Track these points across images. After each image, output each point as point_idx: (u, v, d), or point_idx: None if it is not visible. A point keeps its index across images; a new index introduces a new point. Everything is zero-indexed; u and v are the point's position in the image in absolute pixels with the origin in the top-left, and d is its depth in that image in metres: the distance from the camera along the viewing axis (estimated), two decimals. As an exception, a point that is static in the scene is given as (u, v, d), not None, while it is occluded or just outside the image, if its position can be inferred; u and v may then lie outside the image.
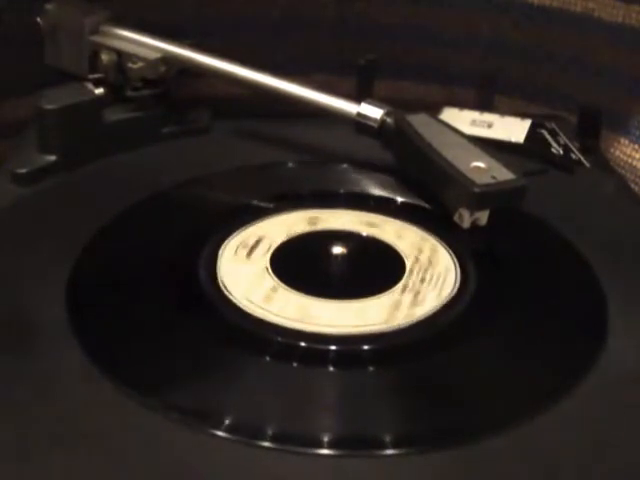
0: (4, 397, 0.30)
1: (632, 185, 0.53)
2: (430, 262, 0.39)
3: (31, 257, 0.38)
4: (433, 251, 0.40)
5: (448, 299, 0.36)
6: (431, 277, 0.38)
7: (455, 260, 0.39)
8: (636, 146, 0.55)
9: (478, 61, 0.62)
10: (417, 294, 0.37)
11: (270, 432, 0.29)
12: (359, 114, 0.46)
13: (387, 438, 0.29)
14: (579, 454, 0.29)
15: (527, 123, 0.55)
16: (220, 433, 0.28)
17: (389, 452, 0.29)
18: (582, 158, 0.51)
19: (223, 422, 0.29)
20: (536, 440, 0.29)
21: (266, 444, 0.28)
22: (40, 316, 0.34)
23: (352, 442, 0.29)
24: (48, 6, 0.52)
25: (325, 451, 0.28)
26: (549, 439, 0.29)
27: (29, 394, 0.30)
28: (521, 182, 0.41)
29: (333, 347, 0.33)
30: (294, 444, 0.28)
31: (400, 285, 0.37)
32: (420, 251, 0.40)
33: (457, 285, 0.38)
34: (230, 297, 0.36)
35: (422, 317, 0.35)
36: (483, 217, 0.41)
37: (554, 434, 0.29)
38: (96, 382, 0.30)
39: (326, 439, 0.29)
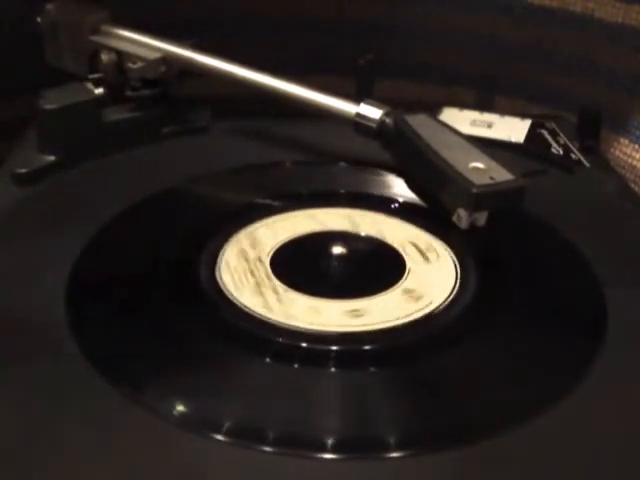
0: (4, 397, 0.30)
1: (632, 185, 0.53)
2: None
3: (31, 257, 0.38)
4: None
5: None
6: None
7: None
8: (636, 146, 0.55)
9: (478, 61, 0.62)
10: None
11: (271, 435, 0.29)
12: (358, 114, 0.46)
13: (388, 439, 0.29)
14: (579, 454, 0.29)
15: (527, 123, 0.55)
16: (220, 436, 0.28)
17: (390, 454, 0.28)
18: (582, 158, 0.51)
19: (223, 424, 0.29)
20: (536, 440, 0.29)
21: (267, 447, 0.28)
22: (40, 316, 0.34)
23: (353, 444, 0.29)
24: (48, 6, 0.52)
25: (326, 454, 0.28)
26: (549, 439, 0.29)
27: (29, 394, 0.30)
28: (520, 183, 0.41)
29: (334, 347, 0.33)
30: (294, 447, 0.28)
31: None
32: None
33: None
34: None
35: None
36: (482, 217, 0.41)
37: (554, 434, 0.29)
38: (96, 382, 0.30)
39: (328, 442, 0.29)
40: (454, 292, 0.37)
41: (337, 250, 0.41)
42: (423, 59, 0.63)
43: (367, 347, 0.34)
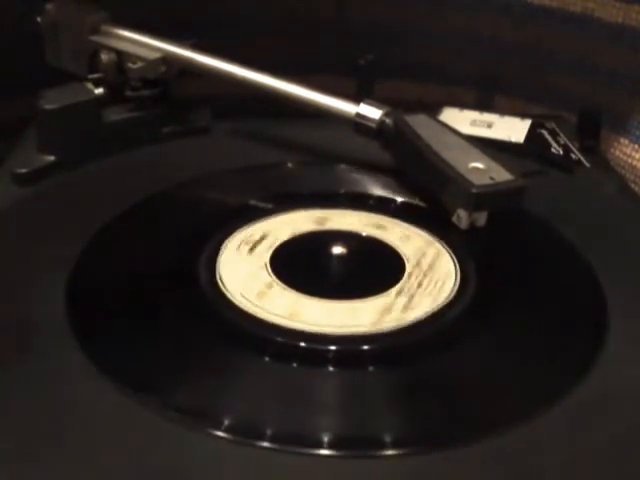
0: (4, 397, 0.30)
1: (632, 185, 0.53)
2: (430, 265, 0.39)
3: (31, 257, 0.38)
4: (435, 254, 0.40)
5: (448, 299, 0.36)
6: (430, 277, 0.38)
7: (455, 260, 0.39)
8: (636, 146, 0.55)
9: (478, 61, 0.62)
10: (417, 294, 0.37)
11: (269, 432, 0.29)
12: (358, 114, 0.46)
13: (386, 438, 0.29)
14: (579, 454, 0.29)
15: (527, 123, 0.55)
16: (219, 433, 0.28)
17: (388, 452, 0.29)
18: (582, 158, 0.51)
19: (222, 422, 0.29)
20: (536, 440, 0.29)
21: (265, 444, 0.28)
22: (40, 316, 0.34)
23: (351, 442, 0.29)
24: (48, 6, 0.52)
25: (324, 451, 0.28)
26: (549, 439, 0.29)
27: (29, 394, 0.30)
28: (519, 183, 0.41)
29: (334, 347, 0.33)
30: (292, 444, 0.28)
31: (400, 285, 0.37)
32: (422, 254, 0.40)
33: (457, 285, 0.37)
34: (230, 297, 0.36)
35: (422, 317, 0.35)
36: (481, 218, 0.41)
37: (554, 434, 0.29)
38: (96, 382, 0.30)
39: (325, 439, 0.29)
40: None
41: (337, 250, 0.41)
42: (423, 59, 0.63)
43: (366, 347, 0.34)
